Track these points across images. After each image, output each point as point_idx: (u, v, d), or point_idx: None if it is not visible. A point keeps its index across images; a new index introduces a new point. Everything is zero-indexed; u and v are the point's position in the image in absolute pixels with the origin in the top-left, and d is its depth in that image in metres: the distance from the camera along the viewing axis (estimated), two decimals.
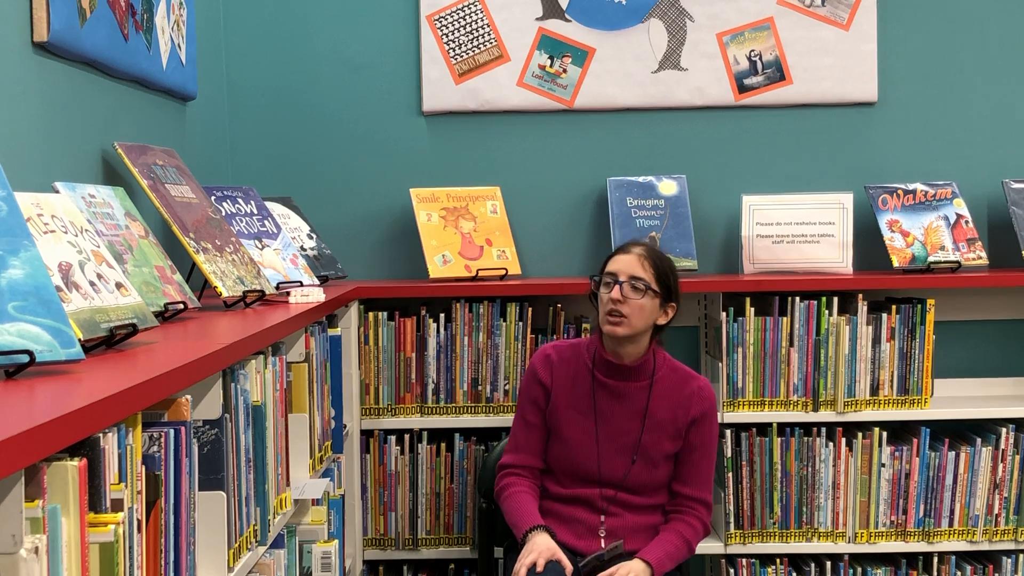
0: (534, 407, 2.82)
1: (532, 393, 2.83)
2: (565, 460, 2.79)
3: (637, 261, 2.72)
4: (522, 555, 2.59)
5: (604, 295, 2.72)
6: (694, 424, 2.77)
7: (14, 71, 2.04)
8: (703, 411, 2.78)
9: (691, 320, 3.60)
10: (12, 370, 1.40)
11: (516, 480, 2.79)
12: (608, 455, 2.77)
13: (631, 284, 2.69)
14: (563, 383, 2.80)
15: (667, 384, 2.78)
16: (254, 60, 3.61)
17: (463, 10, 3.60)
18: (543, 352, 2.85)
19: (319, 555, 2.50)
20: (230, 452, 1.82)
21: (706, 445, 2.80)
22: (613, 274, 2.72)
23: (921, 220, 3.46)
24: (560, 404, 2.79)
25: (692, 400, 2.78)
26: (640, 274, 2.70)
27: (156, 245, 2.22)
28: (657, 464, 2.77)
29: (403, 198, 3.56)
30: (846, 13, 3.59)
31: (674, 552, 2.69)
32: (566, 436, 2.78)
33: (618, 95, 3.60)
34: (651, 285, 2.70)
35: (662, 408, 2.77)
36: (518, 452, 2.82)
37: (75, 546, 1.19)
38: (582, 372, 2.80)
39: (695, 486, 2.78)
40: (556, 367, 2.81)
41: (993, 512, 3.31)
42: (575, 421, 2.78)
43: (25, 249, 1.49)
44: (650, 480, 2.78)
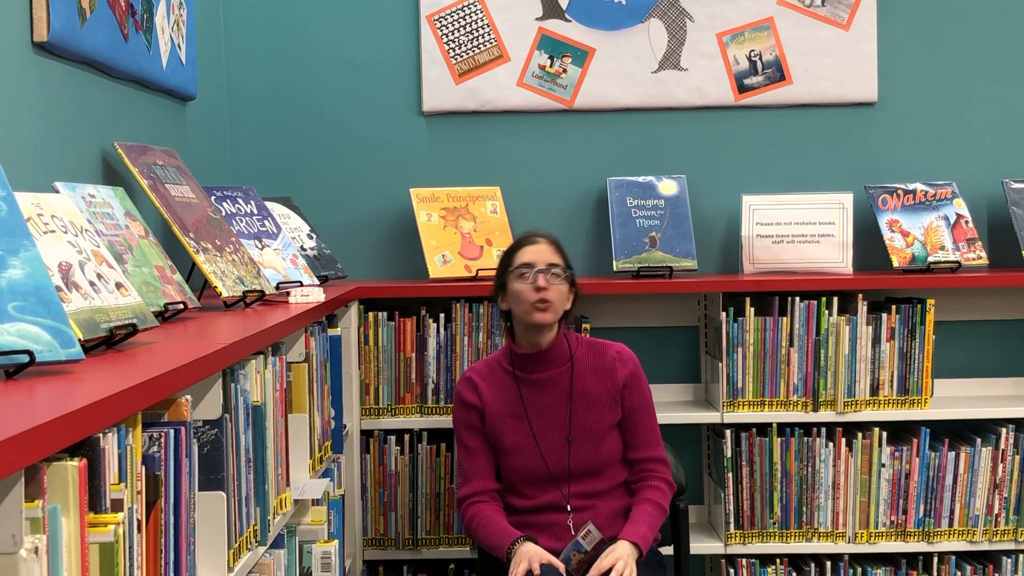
0: (471, 432, 2.82)
1: (465, 419, 2.83)
2: (515, 469, 2.79)
3: (547, 248, 2.78)
4: (512, 565, 2.58)
5: (524, 287, 2.73)
6: (626, 388, 2.79)
7: (14, 71, 2.04)
8: (629, 372, 2.80)
9: (691, 320, 3.60)
10: (12, 370, 1.40)
11: (480, 508, 2.77)
12: (549, 448, 2.77)
13: (553, 272, 2.74)
14: (491, 397, 2.81)
15: (587, 360, 2.80)
16: (254, 60, 3.61)
17: (463, 10, 3.60)
18: (464, 378, 2.88)
19: (319, 555, 2.50)
20: (230, 452, 1.82)
21: (643, 405, 2.81)
22: (529, 264, 2.75)
23: (921, 220, 3.46)
24: (495, 418, 2.80)
25: (616, 365, 2.80)
26: (555, 260, 2.77)
27: (156, 245, 2.22)
28: (602, 438, 2.77)
29: (403, 198, 3.56)
30: (846, 13, 3.59)
31: (651, 521, 2.70)
32: (508, 445, 2.79)
33: (618, 95, 3.60)
34: (564, 268, 2.77)
35: (589, 382, 2.78)
36: (470, 481, 2.82)
37: (75, 546, 1.19)
38: (504, 380, 2.82)
39: (645, 447, 2.80)
40: (480, 385, 2.83)
41: (993, 512, 3.31)
42: (512, 428, 2.79)
43: (25, 249, 1.49)
44: (600, 457, 2.77)
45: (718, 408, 3.33)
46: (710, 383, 3.51)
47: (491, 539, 2.70)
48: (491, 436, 2.81)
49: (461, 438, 2.84)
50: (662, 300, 3.59)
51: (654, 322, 3.61)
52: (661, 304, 3.60)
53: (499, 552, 2.67)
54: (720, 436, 3.33)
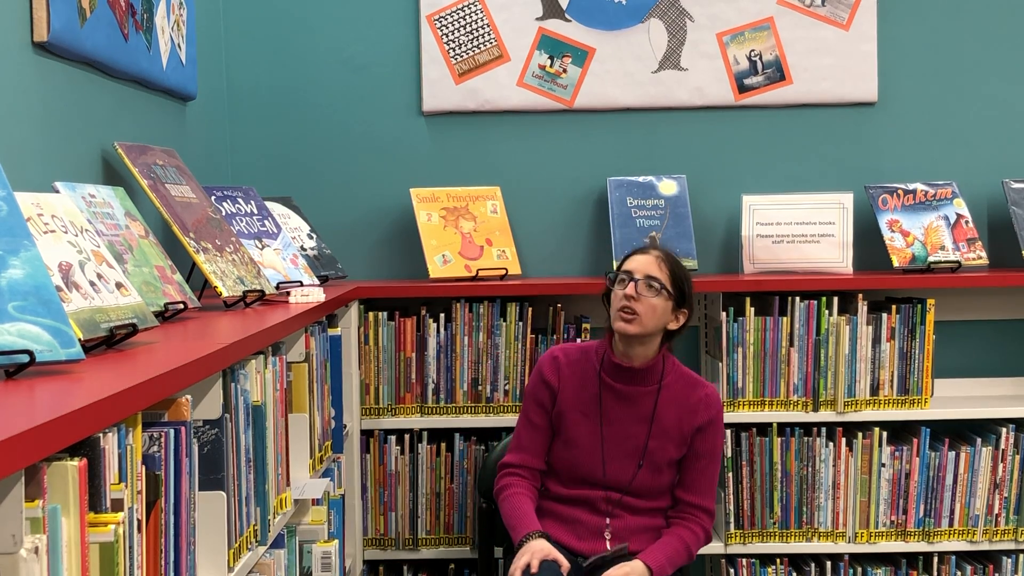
0: (539, 408, 2.82)
1: (538, 394, 2.82)
2: (569, 462, 2.79)
3: (654, 262, 2.73)
4: (517, 557, 2.60)
5: (618, 292, 2.72)
6: (700, 431, 2.77)
7: (14, 71, 2.04)
8: (709, 418, 2.78)
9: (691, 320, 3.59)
10: (12, 370, 1.40)
11: (516, 481, 2.78)
12: (613, 459, 2.76)
13: (646, 282, 2.70)
14: (570, 385, 2.80)
15: (675, 390, 2.78)
16: (254, 60, 3.61)
17: (463, 10, 3.60)
18: (551, 354, 2.86)
19: (319, 555, 2.50)
20: (230, 452, 1.82)
21: (711, 453, 2.79)
22: (629, 272, 2.72)
23: (921, 220, 3.46)
24: (566, 406, 2.79)
25: (699, 407, 2.77)
26: (656, 274, 2.71)
27: (156, 245, 2.22)
28: (661, 470, 2.77)
29: (403, 198, 3.56)
30: (846, 13, 3.59)
31: (674, 556, 2.69)
32: (571, 438, 2.78)
33: (618, 95, 3.60)
34: (665, 285, 2.71)
35: (669, 414, 2.76)
36: (520, 452, 2.82)
37: (75, 546, 1.19)
38: (589, 375, 2.80)
39: (698, 493, 2.78)
40: (563, 369, 2.81)
41: (993, 512, 3.31)
42: (581, 424, 2.78)
43: (25, 249, 1.49)
44: (654, 485, 2.77)
45: None
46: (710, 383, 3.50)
47: (512, 518, 2.71)
48: (556, 421, 2.81)
49: (527, 409, 2.84)
50: None
51: None
52: None
53: (514, 534, 2.69)
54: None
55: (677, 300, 2.73)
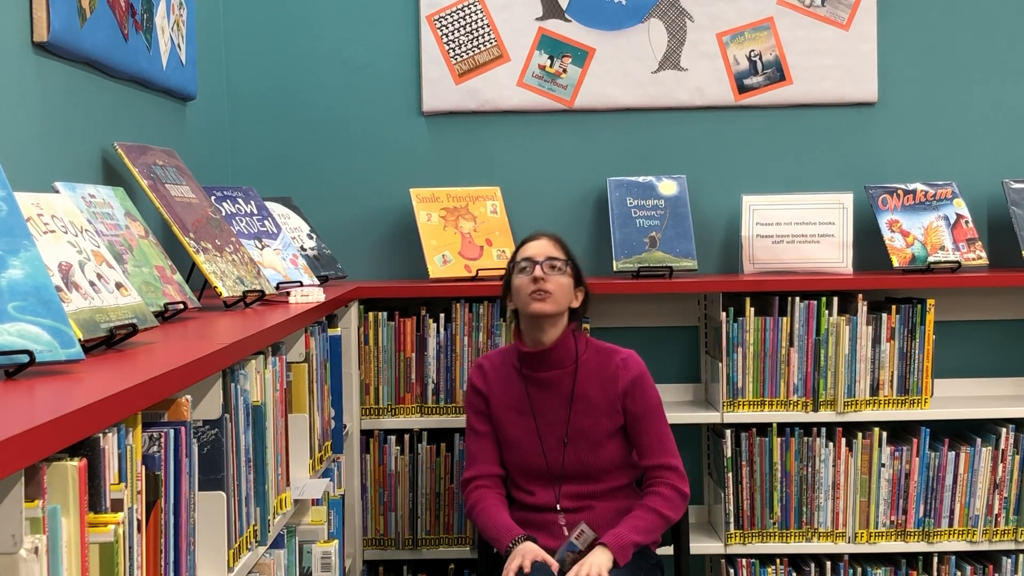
0: (479, 416, 2.87)
1: (475, 404, 2.88)
2: (517, 462, 2.83)
3: (550, 244, 2.82)
4: (508, 561, 2.59)
5: (523, 279, 2.77)
6: (627, 395, 2.78)
7: (14, 71, 2.04)
8: (631, 379, 2.79)
9: (691, 320, 3.60)
10: (12, 370, 1.40)
11: (483, 494, 2.80)
12: (550, 446, 2.79)
13: (550, 263, 2.77)
14: (497, 387, 2.85)
15: (592, 364, 2.81)
16: (254, 60, 3.61)
17: (463, 10, 3.59)
18: (476, 364, 2.93)
19: (319, 555, 2.50)
20: (230, 452, 1.82)
21: (648, 411, 2.79)
22: (529, 258, 2.79)
23: (921, 220, 3.46)
24: (498, 408, 2.84)
25: (619, 372, 2.79)
26: (555, 254, 2.79)
27: (156, 245, 2.22)
28: (600, 444, 2.78)
29: (403, 198, 3.56)
30: (846, 13, 3.59)
31: (639, 523, 2.67)
32: (511, 438, 2.82)
33: (618, 95, 3.60)
34: (567, 262, 2.79)
35: (590, 387, 2.79)
36: (477, 464, 2.85)
37: (75, 546, 1.19)
38: (512, 373, 2.85)
39: (652, 454, 2.78)
40: (488, 374, 2.87)
41: (993, 512, 3.31)
42: (515, 422, 2.82)
43: (25, 249, 1.49)
44: (597, 462, 2.78)
45: (718, 408, 3.33)
46: (710, 383, 3.51)
47: (492, 531, 2.72)
48: (495, 426, 2.85)
49: (470, 421, 2.89)
50: (662, 300, 3.59)
51: (654, 322, 3.61)
52: (661, 304, 3.60)
53: (498, 546, 2.69)
54: (720, 436, 3.33)
55: (576, 278, 2.82)
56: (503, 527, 2.70)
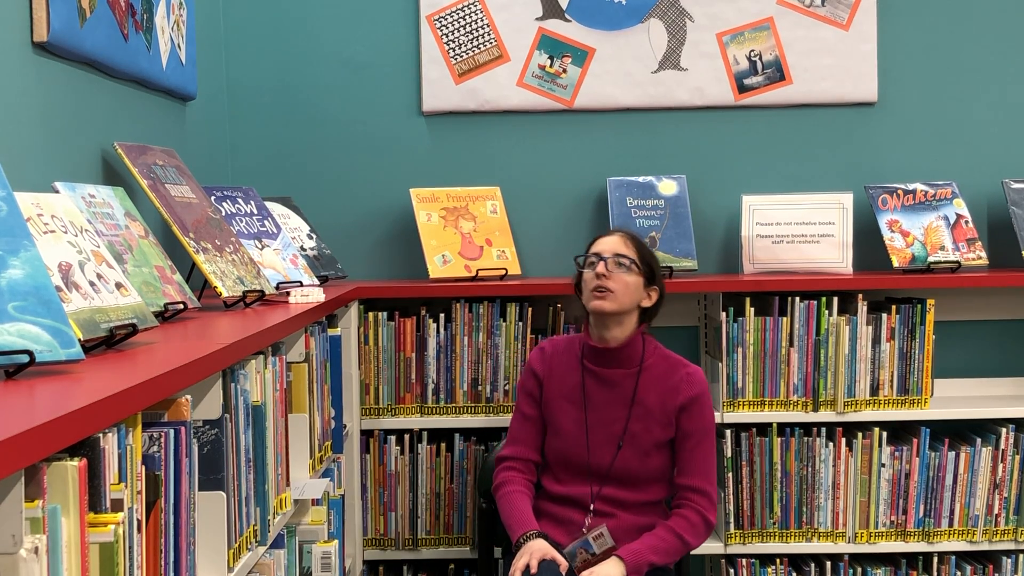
0: (529, 399, 2.85)
1: (527, 386, 2.86)
2: (559, 451, 2.80)
3: (620, 241, 2.79)
4: (516, 558, 2.60)
5: (589, 275, 2.76)
6: (684, 410, 2.76)
7: (14, 71, 2.04)
8: (692, 396, 2.77)
9: (691, 320, 3.60)
10: (12, 370, 1.40)
11: (513, 476, 2.80)
12: (597, 443, 2.77)
13: (616, 260, 2.74)
14: (555, 373, 2.83)
15: (656, 371, 2.79)
16: (254, 60, 3.61)
17: (463, 10, 3.60)
18: (539, 346, 2.92)
19: (319, 555, 2.50)
20: (230, 452, 1.82)
21: (699, 432, 2.76)
22: (597, 253, 2.77)
23: (921, 220, 3.46)
24: (552, 394, 2.82)
25: (681, 386, 2.77)
26: (624, 251, 2.76)
27: (156, 245, 2.22)
28: (648, 453, 2.76)
29: (403, 198, 3.56)
30: (846, 13, 3.59)
31: (658, 544, 2.65)
32: (558, 426, 2.80)
33: (618, 95, 3.60)
34: (636, 261, 2.76)
35: (651, 394, 2.77)
36: (515, 444, 2.85)
37: (75, 546, 1.19)
38: (573, 362, 2.83)
39: (690, 475, 2.75)
40: (549, 358, 2.85)
41: (993, 512, 3.31)
42: (566, 411, 2.80)
43: (25, 249, 1.49)
44: (641, 469, 2.76)
45: (718, 408, 3.32)
46: (710, 383, 3.50)
47: (510, 517, 2.72)
48: (545, 410, 2.83)
49: (519, 401, 2.88)
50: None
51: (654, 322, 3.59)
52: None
53: (512, 533, 2.69)
54: (720, 436, 3.33)
55: (647, 277, 2.78)
56: (520, 517, 2.69)
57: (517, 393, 2.90)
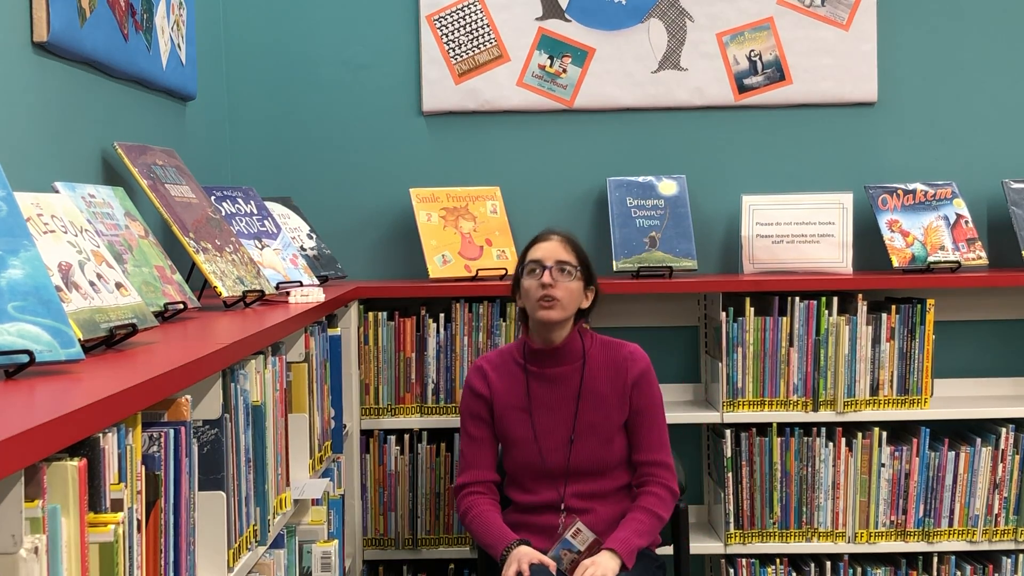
0: (476, 421, 2.83)
1: (472, 408, 2.84)
2: (517, 462, 2.80)
3: (559, 246, 2.77)
4: (505, 568, 2.58)
5: (532, 283, 2.75)
6: (635, 387, 2.78)
7: (14, 71, 2.04)
8: (640, 372, 2.79)
9: (691, 320, 3.60)
10: (12, 370, 1.40)
11: (476, 500, 2.78)
12: (552, 444, 2.77)
13: (559, 267, 2.74)
14: (500, 388, 2.82)
15: (599, 358, 2.80)
16: (254, 60, 3.61)
17: (463, 10, 3.60)
18: (475, 366, 2.89)
19: (319, 555, 2.50)
20: (230, 452, 1.82)
21: (651, 406, 2.79)
22: (538, 261, 2.76)
23: (921, 220, 3.46)
24: (502, 409, 2.81)
25: (627, 364, 2.79)
26: (566, 258, 2.75)
27: (156, 245, 2.22)
28: (610, 439, 2.77)
29: (403, 198, 3.56)
30: (846, 13, 3.59)
31: (639, 527, 2.67)
32: (513, 437, 2.80)
33: (618, 95, 3.60)
34: (577, 267, 2.76)
35: (599, 381, 2.78)
36: (471, 469, 2.82)
37: (75, 546, 1.19)
38: (515, 372, 2.83)
39: (648, 450, 2.77)
40: (490, 375, 2.84)
41: (993, 512, 3.31)
42: (517, 420, 2.80)
43: (25, 249, 1.49)
44: (605, 457, 2.76)
45: (718, 408, 3.33)
46: (710, 383, 3.51)
47: (486, 537, 2.71)
48: (498, 428, 2.82)
49: (465, 426, 2.85)
50: (662, 300, 3.59)
51: (654, 322, 3.61)
52: (661, 304, 3.60)
53: (493, 552, 2.67)
54: (720, 436, 3.33)
55: (586, 279, 2.78)
56: (497, 533, 2.69)
57: (461, 418, 2.87)
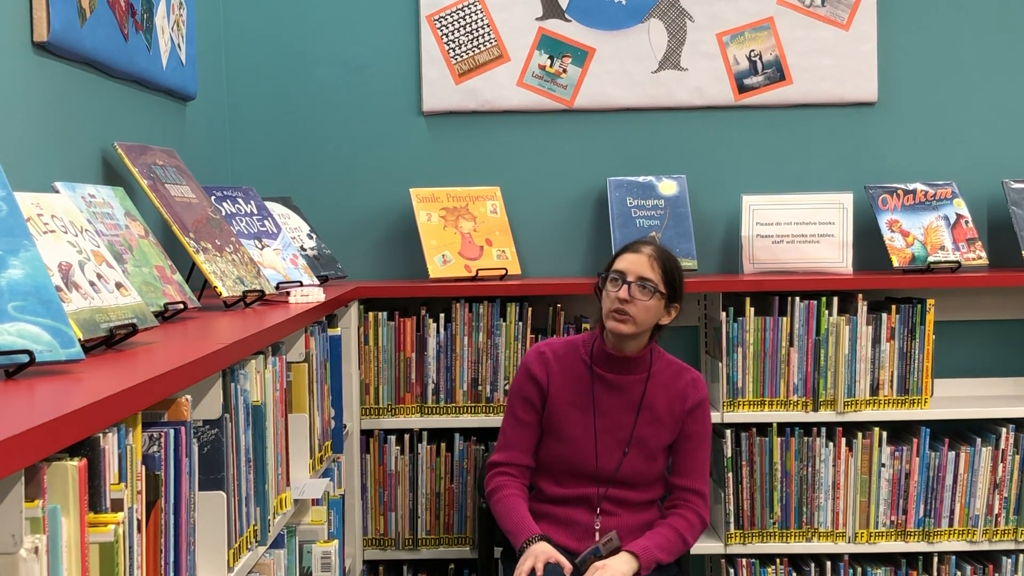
0: (527, 404, 2.80)
1: (525, 391, 2.81)
2: (563, 457, 2.78)
3: (647, 262, 2.71)
4: (521, 562, 2.59)
5: (611, 292, 2.71)
6: (690, 413, 2.79)
7: (14, 71, 2.04)
8: (698, 400, 2.80)
9: (691, 320, 3.60)
10: (12, 370, 1.40)
11: (507, 481, 2.77)
12: (605, 448, 2.77)
13: (639, 284, 2.68)
14: (559, 380, 2.79)
15: (663, 376, 2.80)
16: (254, 60, 3.61)
17: (463, 10, 3.60)
18: (537, 350, 2.84)
19: (319, 555, 2.50)
20: (230, 452, 1.82)
21: (700, 435, 2.80)
22: (622, 272, 2.70)
23: (921, 220, 3.46)
24: (559, 402, 2.78)
25: (688, 390, 2.80)
26: (649, 275, 2.69)
27: (156, 245, 2.22)
28: (655, 456, 2.78)
29: (403, 198, 3.56)
30: (846, 13, 3.59)
31: (664, 543, 2.68)
32: (565, 432, 2.78)
33: (618, 95, 3.60)
34: (659, 287, 2.70)
35: (659, 399, 2.78)
36: (509, 449, 2.80)
37: (75, 546, 1.19)
38: (579, 368, 2.80)
39: (689, 477, 2.78)
40: (552, 364, 2.80)
41: (993, 512, 3.31)
42: (574, 418, 2.78)
43: (25, 249, 1.49)
44: (647, 472, 2.77)
45: (718, 408, 3.32)
46: (710, 383, 3.50)
47: (509, 522, 2.70)
48: (549, 418, 2.79)
49: (513, 406, 2.82)
50: None
51: None
52: None
53: (513, 539, 2.67)
54: (720, 436, 3.33)
55: (669, 297, 2.73)
56: (520, 523, 2.68)
57: (510, 396, 2.84)
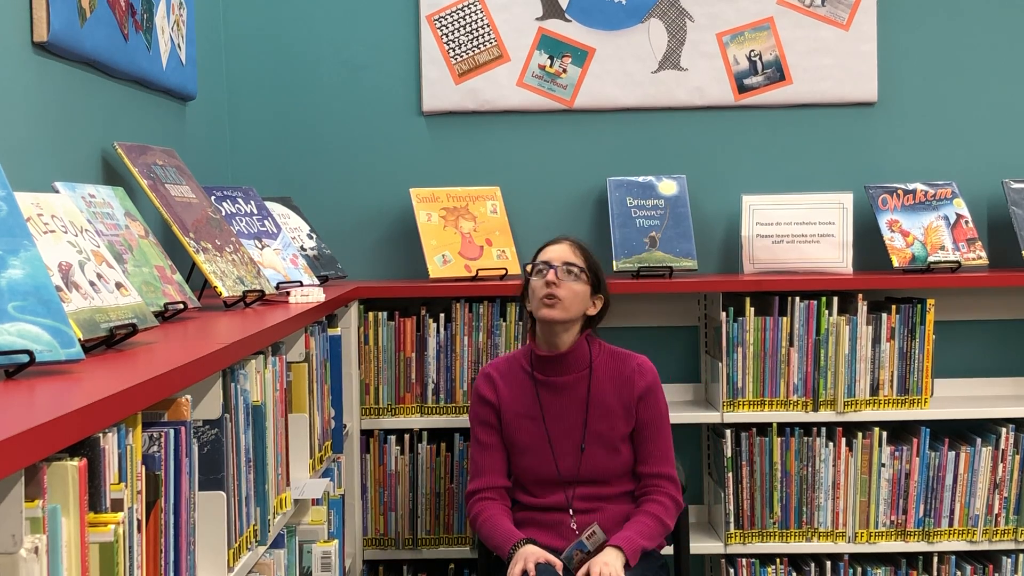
0: (486, 427, 2.85)
1: (481, 414, 2.86)
2: (528, 469, 2.82)
3: (569, 249, 2.80)
4: (511, 566, 2.60)
5: (537, 282, 2.77)
6: (641, 400, 2.80)
7: (14, 71, 2.04)
8: (647, 385, 2.81)
9: (691, 320, 3.60)
10: (12, 370, 1.40)
11: (487, 505, 2.79)
12: (563, 451, 2.79)
13: (565, 269, 2.76)
14: (508, 395, 2.83)
15: (606, 368, 2.82)
16: (254, 60, 3.61)
17: (463, 10, 3.60)
18: (483, 373, 2.90)
19: (319, 555, 2.50)
20: (230, 452, 1.82)
21: (656, 420, 2.81)
22: (546, 262, 2.78)
23: (921, 220, 3.46)
24: (510, 416, 2.82)
25: (634, 376, 2.81)
26: (573, 260, 2.78)
27: (156, 245, 2.22)
28: (616, 448, 2.79)
29: (403, 198, 3.56)
30: (846, 13, 3.59)
31: (644, 529, 2.69)
32: (523, 445, 2.81)
33: (618, 95, 3.60)
34: (584, 269, 2.78)
35: (606, 391, 2.80)
36: (482, 476, 2.84)
37: (75, 546, 1.19)
38: (522, 379, 2.84)
39: (654, 463, 2.80)
40: (498, 382, 2.85)
41: (993, 512, 3.31)
42: (527, 428, 2.81)
43: (25, 249, 1.49)
44: (611, 466, 2.79)
45: (718, 408, 3.33)
46: (710, 383, 3.51)
47: (494, 539, 2.72)
48: (506, 434, 2.83)
49: (475, 433, 2.86)
50: (662, 300, 3.59)
51: (654, 322, 3.61)
52: (661, 304, 3.60)
53: (501, 552, 2.70)
54: (720, 436, 3.33)
55: (594, 286, 2.80)
56: (505, 534, 2.70)
57: (471, 424, 2.89)
